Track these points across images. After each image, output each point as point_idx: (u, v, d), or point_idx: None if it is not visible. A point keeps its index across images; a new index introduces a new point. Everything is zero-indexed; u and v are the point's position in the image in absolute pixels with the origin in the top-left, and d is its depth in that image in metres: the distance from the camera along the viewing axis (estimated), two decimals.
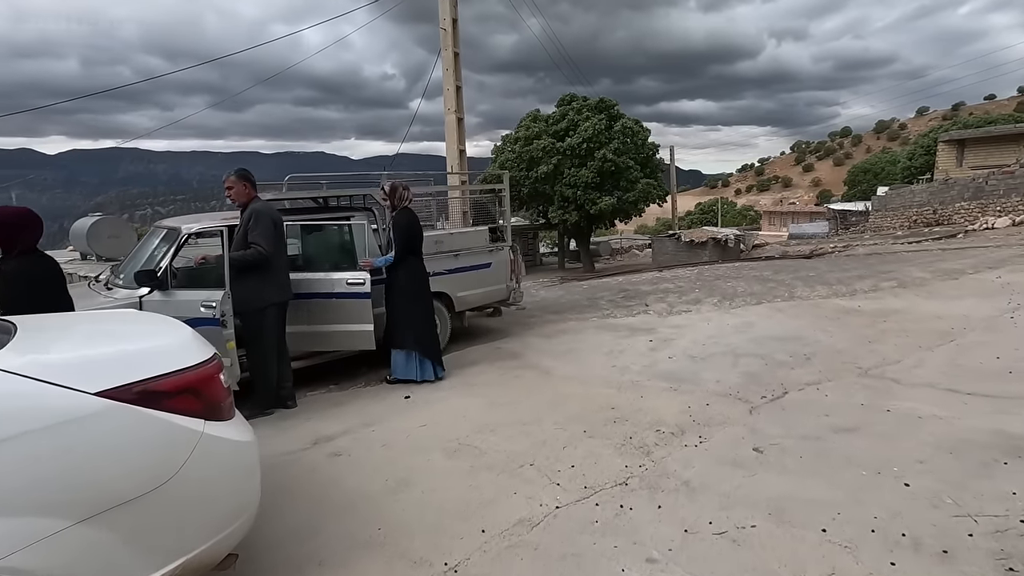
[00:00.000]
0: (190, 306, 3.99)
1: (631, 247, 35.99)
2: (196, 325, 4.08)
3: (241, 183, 4.27)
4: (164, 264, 4.22)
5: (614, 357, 5.36)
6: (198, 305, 3.97)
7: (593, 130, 21.32)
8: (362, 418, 4.17)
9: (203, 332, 4.03)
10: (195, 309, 3.94)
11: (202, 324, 3.89)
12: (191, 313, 3.93)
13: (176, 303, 4.02)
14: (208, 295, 3.92)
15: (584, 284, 10.55)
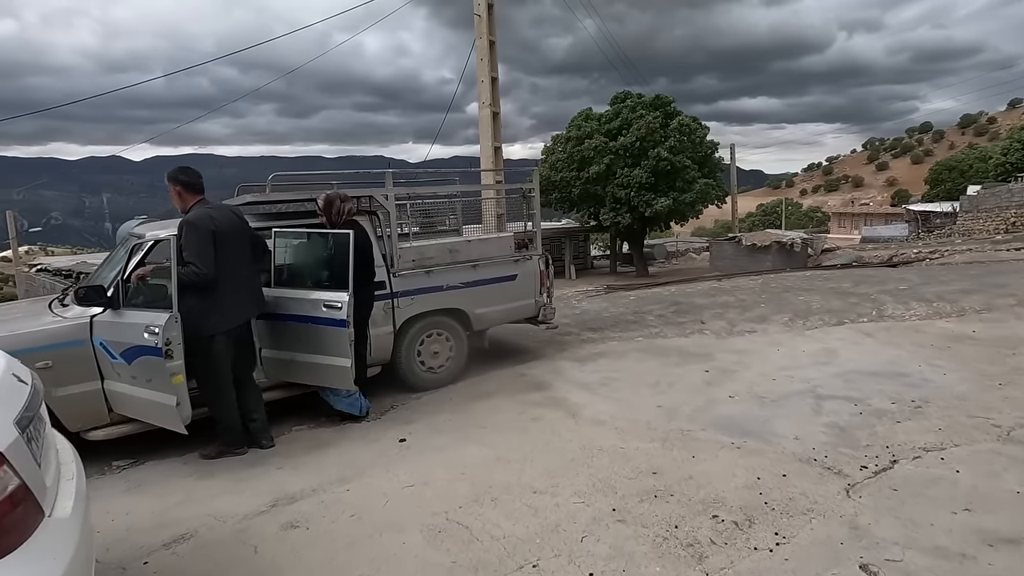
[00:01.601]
0: (135, 330, 3.33)
1: (687, 250, 34.21)
2: (141, 354, 3.48)
3: (172, 188, 3.60)
4: (114, 278, 3.59)
5: (660, 392, 4.37)
6: (143, 329, 3.27)
7: (647, 128, 20.08)
8: (341, 468, 3.39)
9: (146, 363, 3.45)
10: (140, 334, 3.27)
11: (147, 353, 3.23)
12: (135, 339, 3.27)
13: (124, 326, 3.38)
14: (153, 318, 3.24)
15: (631, 295, 9.51)
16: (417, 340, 4.78)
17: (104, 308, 3.51)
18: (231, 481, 3.34)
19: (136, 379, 3.42)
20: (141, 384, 3.40)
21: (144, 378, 3.37)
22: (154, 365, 3.21)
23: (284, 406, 4.31)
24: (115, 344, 3.45)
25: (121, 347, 3.41)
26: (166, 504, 3.11)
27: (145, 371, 3.32)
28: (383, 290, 4.52)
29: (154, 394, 3.35)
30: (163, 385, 3.23)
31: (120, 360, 3.44)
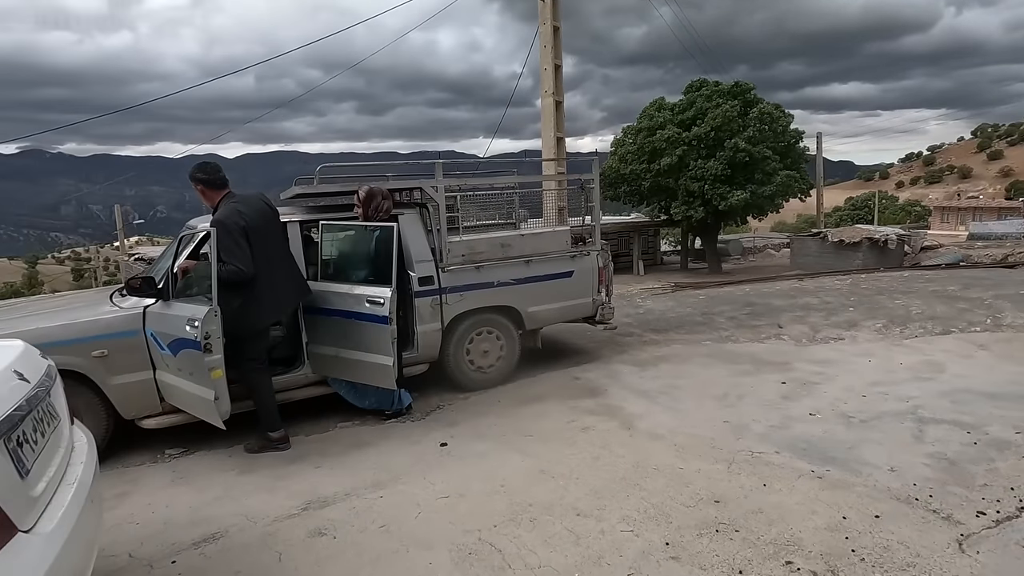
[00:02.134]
0: (179, 322, 3.33)
1: (766, 246, 32.28)
2: (184, 347, 3.46)
3: (196, 188, 3.55)
4: (164, 269, 3.63)
5: (729, 405, 3.93)
6: (184, 322, 3.27)
7: (724, 117, 18.97)
8: (378, 472, 3.25)
9: (188, 356, 3.43)
10: (183, 326, 3.26)
11: (188, 346, 3.22)
12: (179, 331, 3.27)
13: (170, 318, 3.39)
14: (194, 311, 3.23)
15: (700, 294, 8.90)
16: (466, 338, 4.59)
17: (155, 299, 3.55)
18: (270, 478, 3.27)
19: (181, 371, 3.43)
20: (185, 376, 3.41)
21: (187, 371, 3.37)
22: (195, 358, 3.19)
23: (329, 402, 4.24)
24: (163, 335, 3.47)
25: (168, 339, 3.43)
26: (204, 499, 3.08)
27: (187, 364, 3.32)
28: (431, 285, 4.35)
29: (195, 387, 3.34)
30: (202, 379, 3.21)
31: (167, 351, 3.46)
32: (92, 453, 2.02)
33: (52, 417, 1.84)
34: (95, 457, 2.03)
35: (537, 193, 6.25)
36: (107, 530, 2.78)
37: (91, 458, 1.97)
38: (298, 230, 4.06)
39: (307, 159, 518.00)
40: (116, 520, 2.91)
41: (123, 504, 3.09)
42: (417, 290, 4.30)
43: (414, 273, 4.30)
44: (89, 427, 3.55)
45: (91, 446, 2.06)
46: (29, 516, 1.42)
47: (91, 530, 1.72)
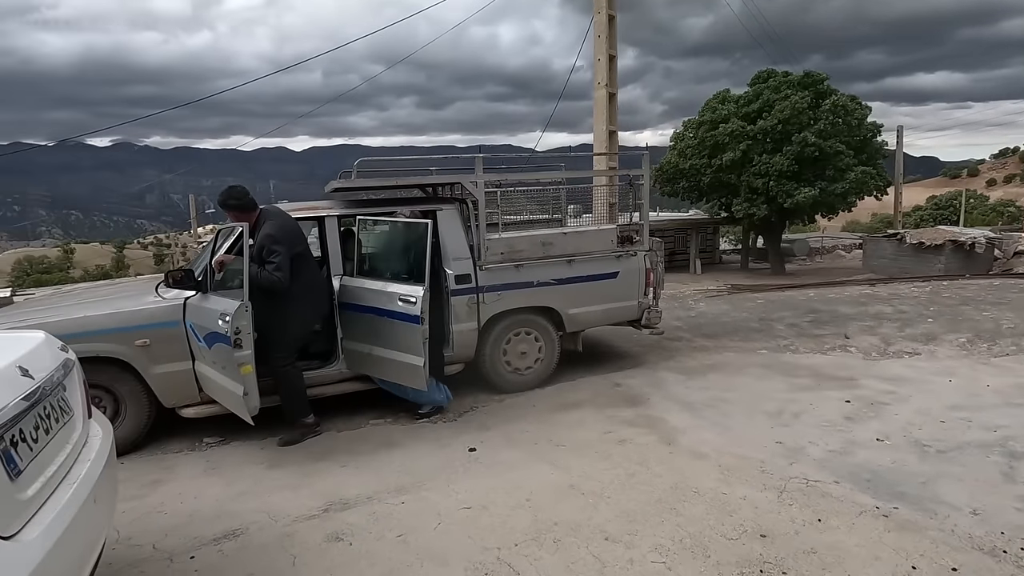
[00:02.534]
0: (213, 316, 3.36)
1: (835, 247, 30.39)
2: (217, 340, 3.44)
3: (230, 214, 3.60)
4: (204, 262, 3.67)
5: (783, 424, 3.60)
6: (218, 316, 3.30)
7: (792, 109, 17.88)
8: (402, 475, 3.16)
9: (221, 350, 3.40)
10: (216, 320, 3.29)
11: (221, 340, 3.22)
12: (212, 325, 3.29)
13: (206, 311, 3.42)
14: (227, 305, 3.24)
15: (759, 297, 8.38)
16: (503, 339, 4.45)
17: (195, 291, 3.59)
18: (296, 475, 3.25)
19: (215, 364, 3.46)
20: (218, 369, 3.44)
21: (220, 364, 3.39)
22: (226, 352, 3.20)
23: (363, 398, 4.20)
24: (200, 328, 3.51)
25: (204, 331, 3.47)
26: (231, 492, 3.09)
27: (220, 357, 3.34)
28: (468, 284, 4.23)
29: (227, 380, 3.37)
30: (233, 373, 3.22)
31: (203, 343, 3.50)
32: (105, 449, 1.99)
33: (62, 412, 1.82)
34: (108, 452, 2.00)
35: (586, 189, 6.01)
36: (137, 518, 2.86)
37: (103, 454, 1.94)
38: (336, 224, 4.03)
39: (369, 152, 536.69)
40: (147, 508, 2.96)
41: (156, 492, 3.14)
42: (454, 288, 4.19)
43: (451, 271, 4.19)
44: (132, 414, 3.70)
45: (106, 441, 2.04)
46: (14, 521, 1.38)
47: (90, 532, 1.68)
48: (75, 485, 1.67)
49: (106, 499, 1.90)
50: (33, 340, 1.89)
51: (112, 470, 2.04)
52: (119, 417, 3.63)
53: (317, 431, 3.80)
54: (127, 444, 3.64)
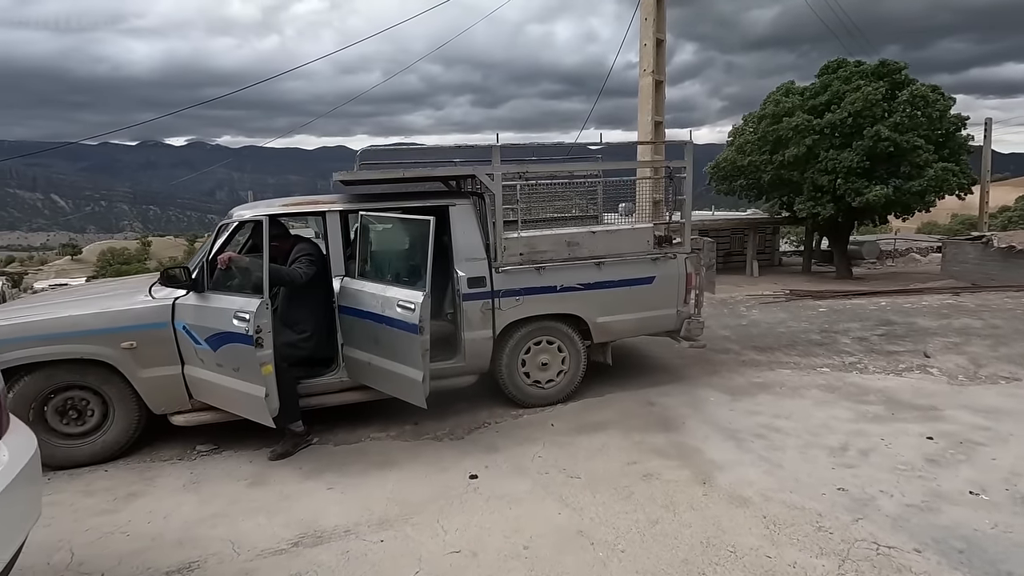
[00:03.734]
0: (222, 316, 3.11)
1: (909, 250, 28.15)
2: (228, 341, 2.97)
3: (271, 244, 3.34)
4: (199, 260, 3.41)
5: (848, 464, 2.99)
6: (231, 315, 3.06)
7: (865, 101, 16.48)
8: (389, 505, 2.77)
9: (234, 351, 2.92)
10: (228, 320, 3.06)
11: (235, 340, 2.97)
12: (223, 325, 3.06)
13: (210, 311, 3.18)
14: (244, 304, 3.03)
15: (821, 305, 7.54)
16: (522, 348, 4.00)
17: (187, 291, 3.34)
18: (276, 496, 2.93)
19: (223, 367, 3.21)
20: (228, 372, 3.19)
21: (231, 366, 3.15)
22: (242, 353, 3.00)
23: (366, 409, 3.86)
24: (200, 329, 3.26)
25: (207, 332, 3.21)
26: (204, 513, 2.79)
27: (232, 359, 3.11)
28: (482, 287, 3.81)
29: (242, 384, 3.14)
30: (252, 375, 3.03)
31: (205, 346, 3.25)
32: (10, 472, 1.71)
33: None
34: (12, 480, 1.71)
35: (626, 185, 5.47)
36: (97, 539, 2.60)
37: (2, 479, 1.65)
38: (337, 220, 3.69)
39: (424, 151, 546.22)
40: (112, 527, 2.70)
41: (128, 507, 2.89)
42: (466, 292, 3.78)
43: (463, 272, 3.78)
44: (120, 418, 3.49)
45: (15, 462, 1.76)
46: None
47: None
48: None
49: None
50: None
51: (19, 497, 1.76)
52: (107, 421, 3.43)
53: (308, 441, 3.51)
54: (114, 449, 3.44)
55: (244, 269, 3.27)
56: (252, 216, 3.56)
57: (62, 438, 3.37)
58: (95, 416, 3.42)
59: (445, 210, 3.80)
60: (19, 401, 3.22)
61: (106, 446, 3.43)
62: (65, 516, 2.81)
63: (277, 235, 3.52)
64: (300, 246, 3.63)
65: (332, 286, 3.61)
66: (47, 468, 3.32)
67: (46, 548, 2.53)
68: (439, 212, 3.74)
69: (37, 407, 3.29)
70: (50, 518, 2.79)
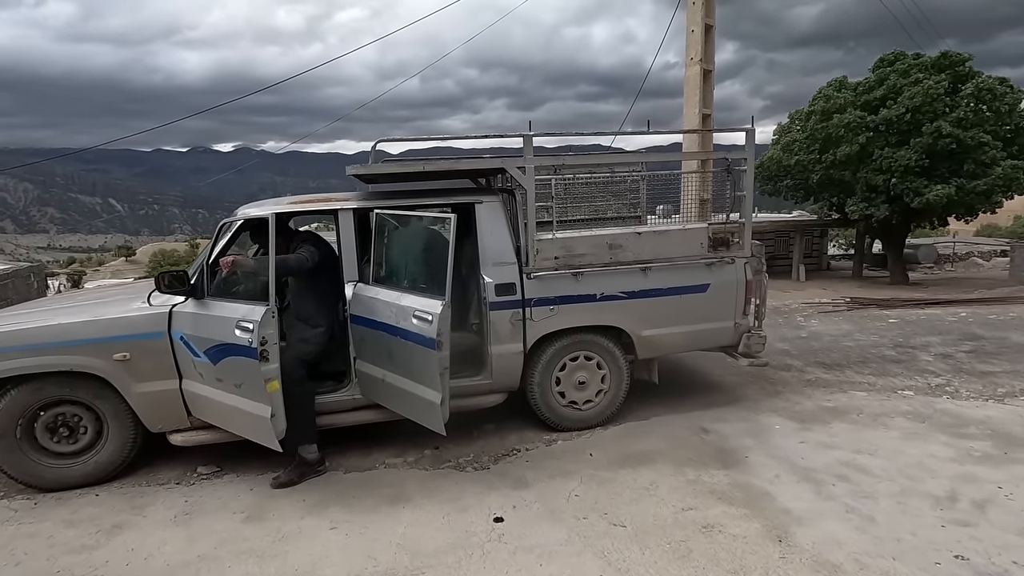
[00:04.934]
0: (223, 325, 2.78)
1: (969, 254, 26.40)
2: (229, 354, 2.60)
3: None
4: (199, 264, 3.08)
5: (960, 520, 2.42)
6: (233, 325, 2.73)
7: (925, 95, 15.36)
8: (399, 553, 2.35)
9: (236, 365, 2.50)
10: (230, 330, 2.73)
11: (237, 353, 2.64)
12: (224, 336, 2.74)
13: (210, 319, 2.85)
14: (247, 312, 2.69)
15: (891, 315, 6.80)
16: (556, 364, 3.54)
17: (185, 297, 3.02)
18: (272, 537, 2.54)
19: (222, 382, 2.87)
20: (228, 389, 2.85)
21: (233, 382, 2.80)
22: (245, 367, 2.67)
23: (381, 430, 3.47)
24: (199, 340, 2.93)
25: (206, 344, 2.88)
26: (189, 555, 2.43)
27: (234, 374, 2.78)
28: (512, 295, 3.37)
29: (244, 402, 2.80)
30: (255, 392, 2.69)
31: (203, 359, 2.91)
32: None
33: None
34: None
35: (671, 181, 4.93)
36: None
37: None
38: (351, 220, 3.31)
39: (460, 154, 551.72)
40: (87, 568, 2.37)
41: (109, 543, 2.56)
42: (493, 300, 3.34)
43: (490, 278, 3.35)
44: (114, 436, 3.16)
45: None
46: None
47: None
48: None
49: None
50: None
51: None
52: (101, 439, 3.12)
53: (319, 471, 3.12)
54: (109, 470, 3.14)
55: (249, 273, 2.92)
56: (257, 214, 3.21)
57: (53, 457, 3.08)
58: (88, 434, 3.11)
59: (471, 209, 3.38)
60: (5, 417, 2.95)
61: (100, 466, 3.13)
62: (39, 552, 2.49)
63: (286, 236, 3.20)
64: (301, 238, 3.31)
65: (342, 283, 3.25)
66: (35, 491, 3.07)
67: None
68: (464, 211, 3.33)
69: (25, 424, 3.00)
70: (23, 554, 2.49)
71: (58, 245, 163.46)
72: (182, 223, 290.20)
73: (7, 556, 2.46)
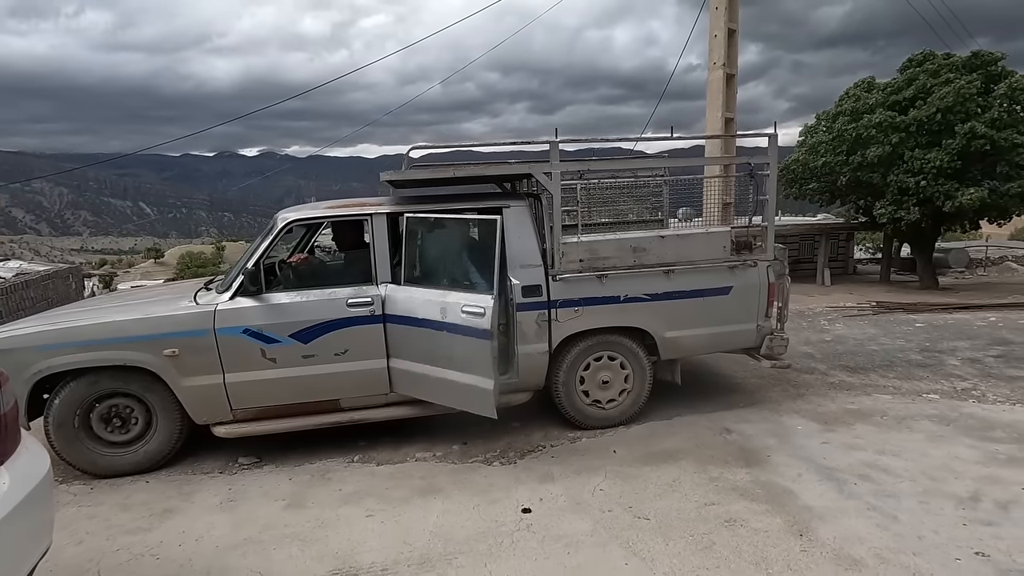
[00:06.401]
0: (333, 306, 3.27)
1: (1003, 258, 25.66)
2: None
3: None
4: (255, 259, 3.31)
5: (983, 520, 2.45)
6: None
7: (957, 96, 15.05)
8: (432, 540, 2.48)
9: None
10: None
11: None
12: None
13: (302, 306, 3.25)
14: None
15: (918, 320, 6.73)
16: (580, 364, 3.64)
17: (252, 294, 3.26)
18: (312, 524, 2.69)
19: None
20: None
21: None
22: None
23: (413, 425, 3.61)
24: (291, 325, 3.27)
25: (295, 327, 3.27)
26: (236, 539, 2.59)
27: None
28: (538, 296, 3.48)
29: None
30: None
31: (288, 343, 3.25)
32: (9, 502, 1.53)
33: None
34: (12, 506, 1.53)
35: (694, 186, 4.99)
36: (128, 560, 2.46)
37: None
38: (384, 224, 3.46)
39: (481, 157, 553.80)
40: (143, 548, 2.54)
41: (162, 526, 2.73)
42: (520, 302, 3.46)
43: (517, 280, 3.46)
44: (163, 427, 3.38)
45: (17, 490, 1.58)
46: None
47: None
48: None
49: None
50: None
51: (23, 525, 1.58)
52: (150, 430, 3.33)
53: None
54: (157, 458, 3.34)
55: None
56: (296, 216, 3.42)
57: (106, 446, 3.29)
58: (139, 424, 3.32)
59: (498, 212, 3.50)
60: (64, 407, 3.16)
61: (149, 455, 3.33)
62: (99, 532, 2.68)
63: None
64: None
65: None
66: (90, 477, 3.28)
67: (74, 568, 2.39)
68: (491, 215, 3.46)
69: (82, 414, 3.22)
70: (85, 534, 2.68)
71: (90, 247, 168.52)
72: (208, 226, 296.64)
73: (70, 535, 2.65)
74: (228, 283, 3.38)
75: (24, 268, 15.95)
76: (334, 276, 3.63)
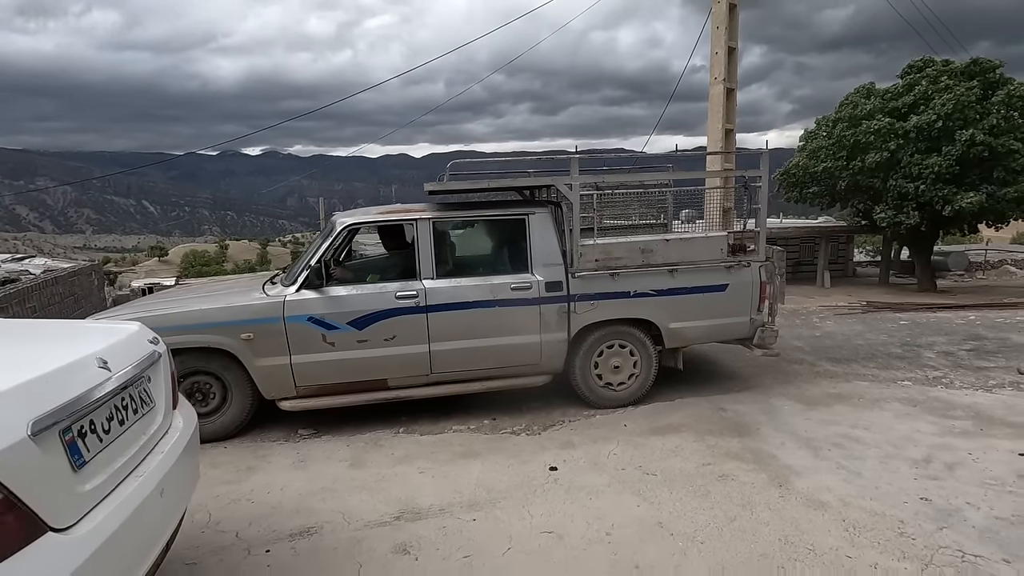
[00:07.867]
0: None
1: (1002, 262, 26.07)
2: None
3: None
4: (315, 257, 3.87)
5: (932, 476, 2.97)
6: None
7: (956, 103, 15.51)
8: (477, 490, 3.01)
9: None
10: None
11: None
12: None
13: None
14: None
15: (902, 318, 7.24)
16: (595, 351, 4.17)
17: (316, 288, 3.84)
18: (374, 477, 3.23)
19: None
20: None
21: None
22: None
23: (447, 403, 4.15)
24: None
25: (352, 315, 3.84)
26: (313, 487, 3.13)
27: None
28: (559, 291, 4.02)
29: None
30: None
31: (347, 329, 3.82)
32: (184, 440, 2.03)
33: (143, 403, 1.88)
34: (187, 444, 2.04)
35: (697, 194, 5.54)
36: (229, 503, 2.97)
37: (179, 446, 1.98)
38: (428, 227, 4.00)
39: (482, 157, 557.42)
40: (238, 495, 3.08)
41: (249, 479, 3.27)
42: (543, 296, 4.00)
43: (541, 277, 4.00)
44: (237, 401, 3.93)
45: (187, 432, 2.09)
46: (71, 513, 1.39)
47: (151, 527, 1.70)
48: (142, 479, 1.69)
49: (178, 491, 1.93)
50: (123, 332, 1.97)
51: (190, 462, 2.09)
52: (226, 403, 3.87)
53: None
54: (231, 429, 3.88)
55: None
56: (352, 221, 3.97)
57: None
58: (216, 399, 3.87)
59: (525, 218, 4.04)
60: None
61: (224, 426, 3.88)
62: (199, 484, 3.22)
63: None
64: None
65: None
66: None
67: (188, 509, 2.93)
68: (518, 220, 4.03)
69: None
70: None
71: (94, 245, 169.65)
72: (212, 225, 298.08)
73: None
74: (293, 277, 3.92)
75: (50, 265, 16.61)
76: (383, 272, 4.17)
